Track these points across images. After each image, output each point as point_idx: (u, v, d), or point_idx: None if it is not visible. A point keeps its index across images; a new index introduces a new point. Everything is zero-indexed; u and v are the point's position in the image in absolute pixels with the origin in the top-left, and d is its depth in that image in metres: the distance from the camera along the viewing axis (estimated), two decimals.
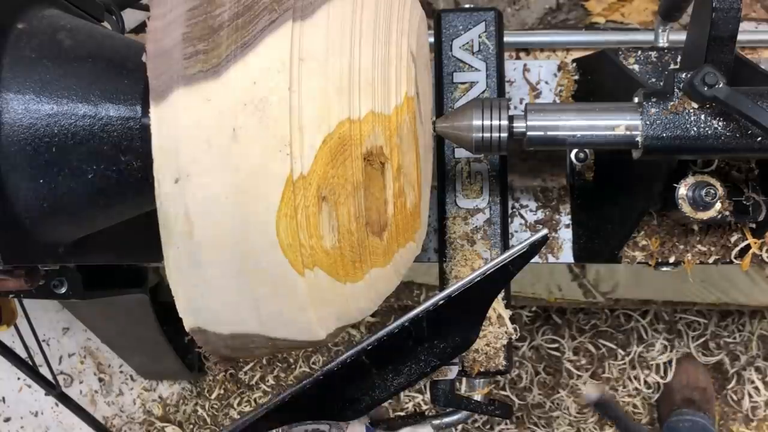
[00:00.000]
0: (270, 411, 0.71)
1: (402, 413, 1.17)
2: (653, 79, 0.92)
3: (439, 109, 0.92)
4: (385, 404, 0.77)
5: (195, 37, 0.58)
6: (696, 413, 1.63)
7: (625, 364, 1.79)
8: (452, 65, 0.92)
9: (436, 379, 0.82)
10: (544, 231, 0.72)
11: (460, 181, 0.92)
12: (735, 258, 0.92)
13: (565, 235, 1.03)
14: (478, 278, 0.70)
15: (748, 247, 0.90)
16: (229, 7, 0.59)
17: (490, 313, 0.86)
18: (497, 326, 0.87)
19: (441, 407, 0.84)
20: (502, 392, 1.80)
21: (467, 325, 0.75)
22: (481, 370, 0.87)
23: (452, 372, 0.82)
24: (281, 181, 0.57)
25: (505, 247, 0.90)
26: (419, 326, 0.71)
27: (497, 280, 0.72)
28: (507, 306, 0.89)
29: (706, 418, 1.62)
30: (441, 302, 0.70)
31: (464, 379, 0.90)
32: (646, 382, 1.76)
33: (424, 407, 1.79)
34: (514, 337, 0.88)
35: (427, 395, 1.61)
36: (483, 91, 0.92)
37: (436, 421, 0.82)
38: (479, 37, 0.92)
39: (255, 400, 1.78)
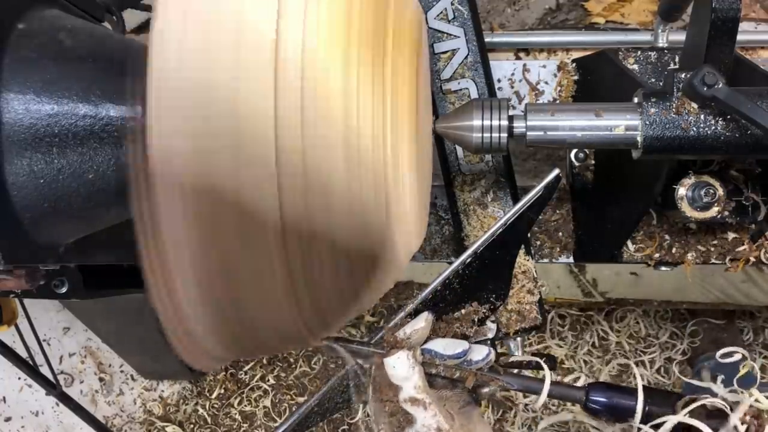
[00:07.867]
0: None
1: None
2: (653, 79, 0.92)
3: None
4: None
5: None
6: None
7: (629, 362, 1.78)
8: (431, 37, 0.92)
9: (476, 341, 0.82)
10: (557, 171, 0.71)
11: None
12: (734, 258, 0.92)
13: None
14: (500, 229, 0.71)
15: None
16: None
17: (516, 270, 0.87)
18: (525, 281, 0.87)
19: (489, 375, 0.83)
20: None
21: (498, 281, 0.76)
22: (518, 328, 0.88)
23: (491, 332, 0.82)
24: None
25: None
26: (451, 289, 0.72)
27: (519, 230, 0.72)
28: (530, 257, 0.90)
29: None
30: (468, 260, 0.71)
31: (502, 342, 0.91)
32: (648, 381, 1.76)
33: None
34: (544, 289, 0.89)
35: None
36: (465, 56, 0.92)
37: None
38: (452, 4, 0.92)
39: (255, 399, 1.78)
